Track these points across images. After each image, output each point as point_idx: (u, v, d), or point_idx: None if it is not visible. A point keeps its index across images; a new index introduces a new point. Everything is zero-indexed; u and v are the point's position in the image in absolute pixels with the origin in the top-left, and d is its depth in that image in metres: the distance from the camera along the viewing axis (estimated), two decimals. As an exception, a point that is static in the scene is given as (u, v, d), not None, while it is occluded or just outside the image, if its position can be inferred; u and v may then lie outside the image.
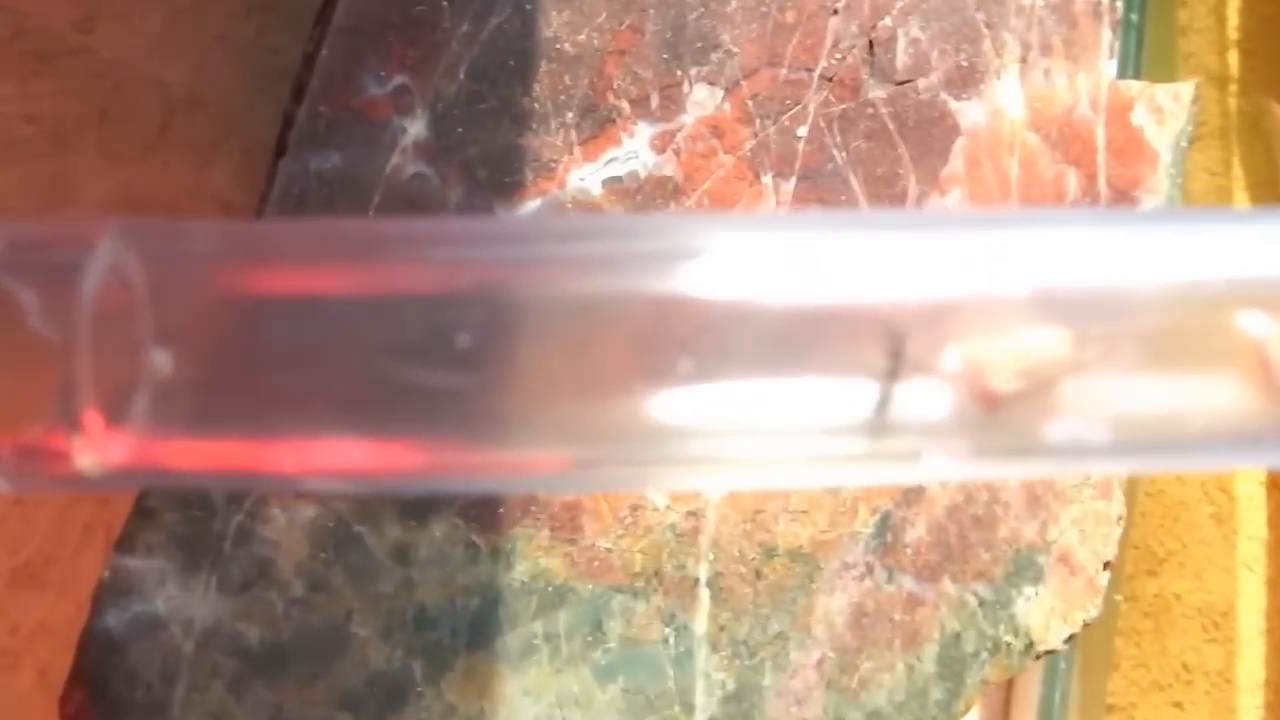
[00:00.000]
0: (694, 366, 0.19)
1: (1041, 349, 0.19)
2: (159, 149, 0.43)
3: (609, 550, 0.37)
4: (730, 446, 0.20)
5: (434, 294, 0.19)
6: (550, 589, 0.37)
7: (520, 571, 0.37)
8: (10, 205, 0.42)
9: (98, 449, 0.18)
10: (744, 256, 0.20)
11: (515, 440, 0.20)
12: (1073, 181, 0.41)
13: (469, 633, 0.36)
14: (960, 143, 0.40)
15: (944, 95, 0.41)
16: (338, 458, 0.19)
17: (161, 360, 0.18)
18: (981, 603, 0.37)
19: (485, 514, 0.38)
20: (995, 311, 0.19)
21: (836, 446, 0.20)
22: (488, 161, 0.39)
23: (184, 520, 0.37)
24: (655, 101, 0.40)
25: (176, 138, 0.44)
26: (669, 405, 0.19)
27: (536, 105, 0.40)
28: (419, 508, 0.38)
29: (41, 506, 0.41)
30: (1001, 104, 0.41)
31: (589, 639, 0.37)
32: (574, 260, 0.20)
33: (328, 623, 0.37)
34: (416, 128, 0.39)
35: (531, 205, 0.38)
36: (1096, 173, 0.41)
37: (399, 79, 0.40)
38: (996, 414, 0.19)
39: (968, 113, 0.40)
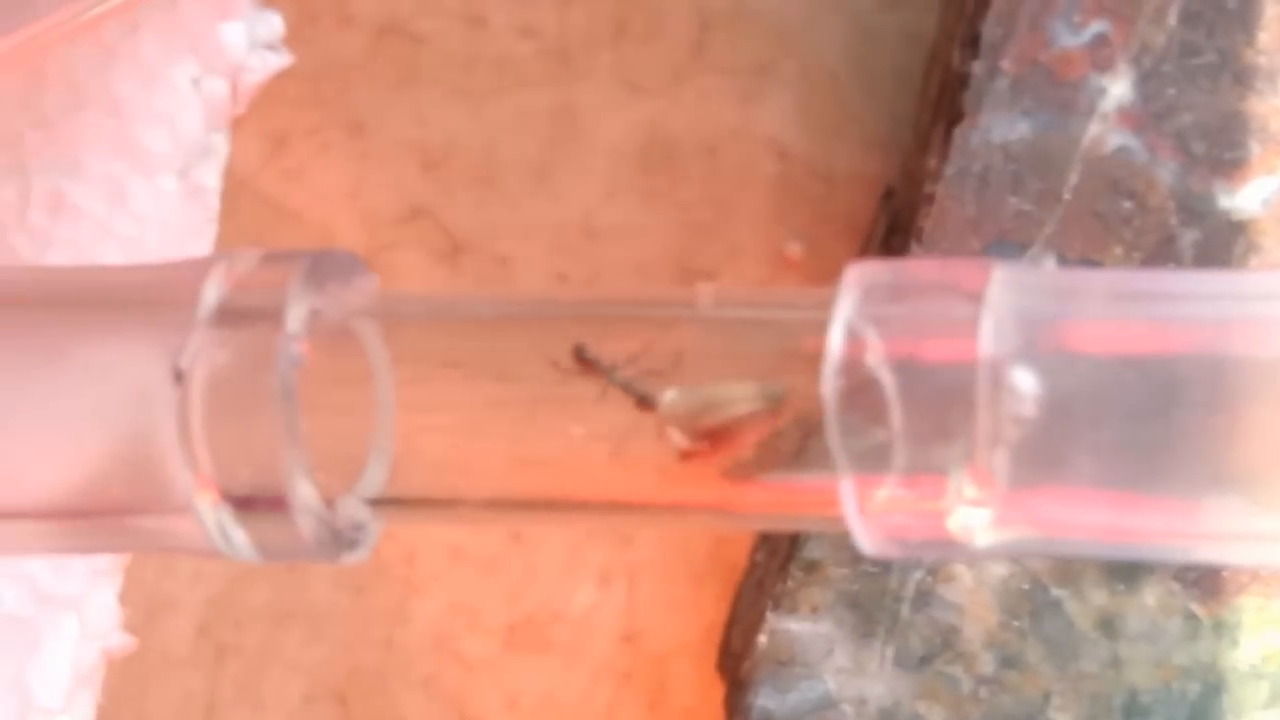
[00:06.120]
0: None
1: None
2: (691, 75, 0.32)
3: (1364, 630, 0.31)
4: None
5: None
6: (1287, 676, 0.30)
7: (1247, 651, 0.30)
8: (503, 142, 0.33)
9: (989, 510, 0.17)
10: None
11: None
12: None
13: (1188, 725, 0.30)
14: None
15: None
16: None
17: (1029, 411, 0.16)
18: None
19: (1206, 578, 0.31)
20: None
21: None
22: (1204, 131, 0.31)
23: (854, 576, 0.30)
24: None
25: (714, 60, 0.33)
26: None
27: (1262, 59, 0.32)
28: (1128, 570, 0.31)
29: (544, 545, 0.31)
30: None
31: (1335, 743, 0.30)
32: None
33: (1022, 706, 0.30)
34: (1119, 88, 0.31)
35: (1255, 187, 0.31)
36: None
37: (1096, 25, 0.32)
38: None
39: None
